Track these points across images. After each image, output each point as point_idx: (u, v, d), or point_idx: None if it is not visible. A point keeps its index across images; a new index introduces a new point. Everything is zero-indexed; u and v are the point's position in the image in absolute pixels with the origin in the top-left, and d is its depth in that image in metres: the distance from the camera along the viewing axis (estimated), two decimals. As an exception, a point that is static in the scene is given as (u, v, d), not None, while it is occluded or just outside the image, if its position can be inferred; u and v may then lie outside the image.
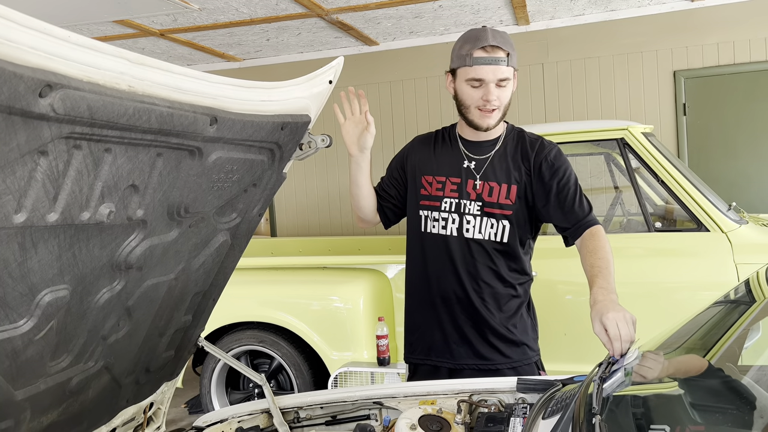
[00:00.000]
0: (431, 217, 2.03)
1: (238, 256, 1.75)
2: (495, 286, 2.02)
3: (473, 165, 1.99)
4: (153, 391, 1.73)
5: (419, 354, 2.12)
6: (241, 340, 3.48)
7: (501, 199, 1.96)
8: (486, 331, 2.03)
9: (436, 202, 2.01)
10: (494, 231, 1.97)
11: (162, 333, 1.62)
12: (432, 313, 2.08)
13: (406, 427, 1.49)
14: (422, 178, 2.05)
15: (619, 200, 3.90)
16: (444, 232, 2.01)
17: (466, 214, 1.98)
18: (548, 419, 1.22)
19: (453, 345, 2.05)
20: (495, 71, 1.83)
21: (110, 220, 1.18)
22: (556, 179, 1.94)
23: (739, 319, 1.46)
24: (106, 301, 1.34)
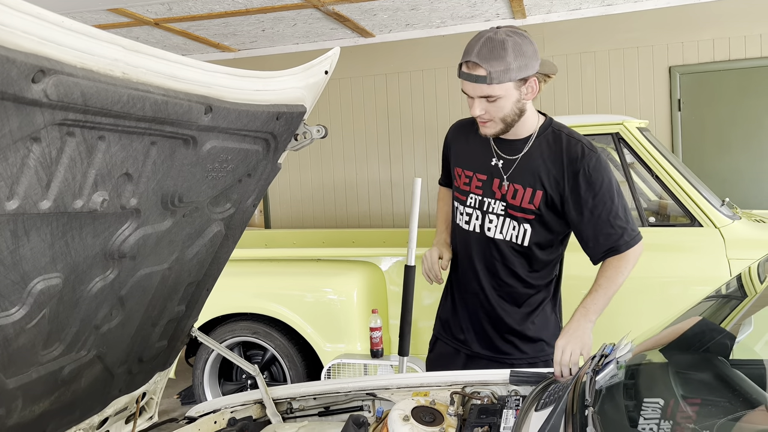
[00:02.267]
0: (458, 210, 2.03)
1: (232, 247, 1.75)
2: (514, 285, 1.99)
3: (501, 164, 1.91)
4: (145, 381, 1.73)
5: (442, 330, 2.17)
6: (234, 331, 3.47)
7: (524, 203, 1.88)
8: (502, 327, 2.02)
9: (463, 196, 2.00)
10: (516, 233, 1.92)
11: (155, 323, 1.61)
12: (454, 300, 2.12)
13: (399, 418, 1.49)
14: (455, 168, 2.05)
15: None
16: (467, 228, 2.00)
17: (489, 212, 1.94)
18: (541, 411, 1.23)
19: (471, 335, 2.06)
20: (475, 88, 1.75)
21: (103, 208, 1.17)
22: (591, 194, 1.80)
23: (730, 313, 1.46)
24: (99, 290, 1.33)
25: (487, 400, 1.56)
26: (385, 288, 3.41)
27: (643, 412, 1.04)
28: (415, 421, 1.48)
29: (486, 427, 1.37)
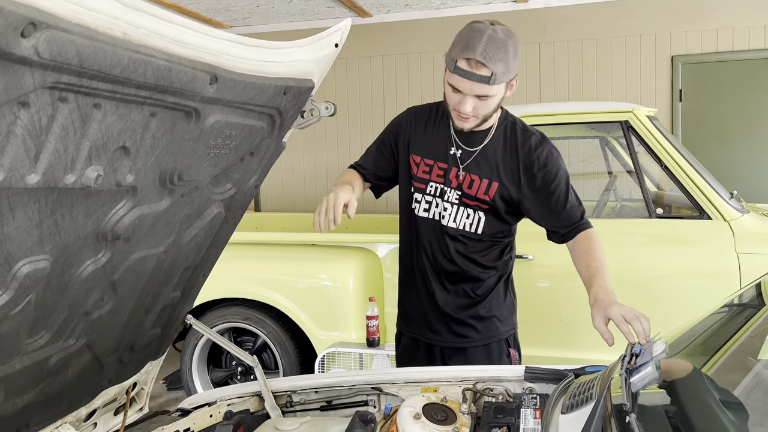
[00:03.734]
0: (415, 198, 1.98)
1: (231, 230, 1.64)
2: (469, 269, 1.99)
3: (460, 154, 1.90)
4: (137, 371, 1.63)
5: (404, 325, 2.13)
6: (225, 317, 3.37)
7: (480, 194, 1.89)
8: (461, 311, 2.02)
9: (422, 184, 1.96)
10: (470, 221, 1.92)
11: (148, 310, 1.51)
12: (414, 288, 2.08)
13: (409, 416, 1.40)
14: (410, 156, 1.97)
15: (613, 185, 3.84)
16: (426, 215, 1.97)
17: (445, 201, 1.93)
18: (568, 414, 1.14)
19: (431, 321, 2.05)
20: (473, 87, 1.68)
21: (98, 185, 1.06)
22: (548, 183, 1.86)
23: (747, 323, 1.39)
24: (90, 274, 1.22)
25: (501, 398, 1.48)
26: (382, 275, 3.31)
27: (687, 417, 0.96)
28: (427, 419, 1.40)
29: (504, 428, 1.29)
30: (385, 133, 2.04)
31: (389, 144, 2.02)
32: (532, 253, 2.83)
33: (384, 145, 2.03)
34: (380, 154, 2.03)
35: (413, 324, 2.09)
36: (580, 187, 5.07)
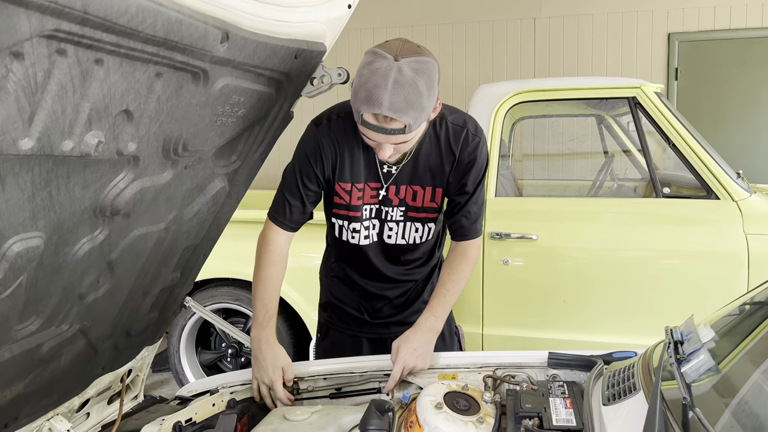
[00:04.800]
0: (350, 228, 1.73)
1: (234, 206, 1.53)
2: (420, 266, 1.84)
3: (394, 169, 1.66)
4: (132, 357, 1.52)
5: (337, 320, 1.91)
6: (214, 297, 3.25)
7: (426, 203, 1.70)
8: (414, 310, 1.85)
9: (356, 212, 1.70)
10: (419, 234, 1.75)
11: (146, 292, 1.39)
12: (350, 288, 1.88)
13: (430, 405, 1.31)
14: (337, 185, 1.68)
15: (610, 165, 3.77)
16: (366, 242, 1.75)
17: (387, 221, 1.73)
18: (611, 405, 1.06)
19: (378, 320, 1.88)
20: (387, 138, 1.44)
21: (98, 153, 0.94)
22: (471, 174, 1.67)
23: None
24: (86, 253, 1.11)
25: (526, 386, 1.39)
26: (377, 255, 3.22)
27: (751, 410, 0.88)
28: (449, 408, 1.31)
29: (536, 420, 1.21)
30: (303, 167, 1.67)
31: (314, 177, 1.67)
32: (536, 233, 2.75)
33: (308, 179, 1.67)
34: (306, 196, 1.69)
35: (346, 319, 1.89)
36: (573, 166, 5.02)
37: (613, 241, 2.73)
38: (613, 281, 2.71)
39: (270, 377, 1.54)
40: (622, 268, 2.71)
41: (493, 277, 2.79)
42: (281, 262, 1.71)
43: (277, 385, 1.54)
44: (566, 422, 1.19)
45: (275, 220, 1.72)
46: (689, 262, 2.65)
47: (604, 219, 2.83)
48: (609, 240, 2.74)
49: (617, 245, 2.74)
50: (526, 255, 2.79)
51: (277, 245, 1.71)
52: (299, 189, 1.68)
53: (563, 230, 2.80)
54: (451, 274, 1.67)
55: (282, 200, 1.72)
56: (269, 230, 1.73)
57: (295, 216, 1.70)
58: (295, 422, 1.38)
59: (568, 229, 2.80)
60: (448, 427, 1.27)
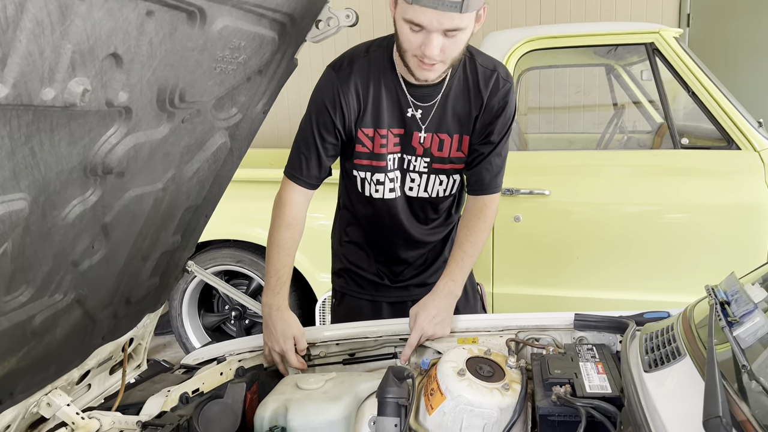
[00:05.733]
0: (373, 180, 1.61)
1: (236, 164, 1.43)
2: (443, 223, 1.75)
3: (420, 114, 1.54)
4: (133, 325, 1.44)
5: (355, 286, 1.82)
6: (216, 260, 3.16)
7: (452, 153, 1.59)
8: (434, 270, 1.78)
9: (381, 161, 1.58)
10: (443, 187, 1.65)
11: (146, 257, 1.30)
12: (368, 253, 1.79)
13: (452, 372, 1.24)
14: (359, 131, 1.55)
15: (620, 117, 3.65)
16: (391, 196, 1.63)
17: (410, 171, 1.62)
18: (655, 372, 0.98)
19: (398, 282, 1.80)
20: (441, 18, 1.29)
21: (84, 103, 0.83)
22: (498, 123, 1.55)
23: None
24: (78, 216, 1.01)
25: (552, 350, 1.32)
26: (381, 213, 3.12)
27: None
28: (472, 375, 1.24)
29: (567, 387, 1.13)
30: (320, 116, 1.55)
31: (332, 127, 1.54)
32: (548, 188, 2.65)
33: (326, 130, 1.55)
34: (324, 148, 1.56)
35: (363, 285, 1.80)
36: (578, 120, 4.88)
37: (627, 196, 2.64)
38: (628, 237, 2.62)
39: (281, 346, 1.47)
40: (638, 223, 2.62)
41: (504, 235, 2.70)
42: (297, 225, 1.62)
43: (289, 354, 1.47)
44: (601, 389, 1.12)
45: (292, 177, 1.61)
46: (708, 216, 2.56)
47: (617, 172, 2.73)
48: (623, 194, 2.65)
49: (632, 199, 2.64)
50: (537, 211, 2.70)
51: (292, 206, 1.61)
52: (316, 141, 1.57)
53: (575, 185, 2.70)
54: (469, 234, 1.58)
55: (298, 155, 1.60)
56: (285, 189, 1.63)
57: (313, 171, 1.59)
58: (308, 391, 1.31)
59: (579, 183, 2.70)
60: (472, 394, 1.19)
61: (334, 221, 1.87)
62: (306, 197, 1.62)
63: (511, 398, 1.20)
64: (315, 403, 1.26)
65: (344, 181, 1.74)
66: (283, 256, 1.57)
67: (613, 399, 1.07)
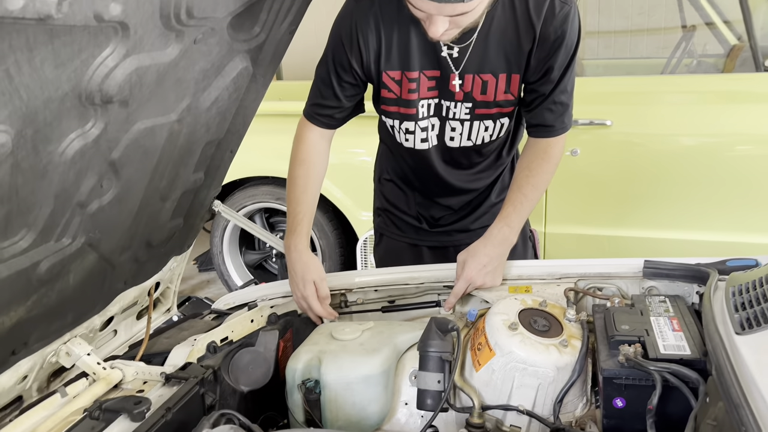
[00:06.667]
0: (402, 129, 1.46)
1: (261, 92, 1.28)
2: (490, 168, 1.59)
3: (456, 53, 1.34)
4: (158, 269, 1.35)
5: (395, 228, 1.69)
6: (255, 197, 3.08)
7: (499, 96, 1.38)
8: (479, 215, 1.65)
9: (411, 108, 1.41)
10: (489, 133, 1.46)
11: (165, 196, 1.19)
12: (407, 195, 1.66)
13: (502, 326, 1.11)
14: (384, 74, 1.38)
15: (690, 40, 3.31)
16: (424, 146, 1.48)
17: (449, 119, 1.43)
18: (750, 335, 0.83)
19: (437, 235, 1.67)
20: (442, 8, 1.12)
21: (63, 14, 0.69)
22: (558, 55, 1.33)
23: None
24: (78, 152, 0.90)
25: (618, 301, 1.16)
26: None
27: None
28: (525, 329, 1.10)
29: (637, 346, 0.98)
30: (336, 53, 1.39)
31: (348, 67, 1.38)
32: (610, 118, 2.42)
33: (342, 69, 1.39)
34: (341, 87, 1.41)
35: (402, 228, 1.68)
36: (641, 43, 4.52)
37: (699, 125, 2.39)
38: (698, 170, 2.39)
39: (302, 292, 1.35)
40: (710, 156, 2.38)
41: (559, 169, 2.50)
42: (313, 162, 1.48)
43: (311, 300, 1.35)
44: (678, 349, 0.96)
45: (307, 114, 1.49)
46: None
47: (687, 99, 2.47)
48: (694, 123, 2.40)
49: (704, 129, 2.40)
50: (596, 143, 2.48)
51: (307, 143, 1.48)
52: (331, 80, 1.41)
53: (639, 114, 2.46)
54: (530, 176, 1.40)
55: (314, 93, 1.47)
56: (301, 126, 1.51)
57: (328, 111, 1.45)
58: (344, 342, 1.20)
59: (644, 112, 2.46)
60: (526, 351, 1.06)
61: (377, 153, 1.73)
62: (324, 136, 1.49)
63: (569, 356, 1.06)
64: (351, 355, 1.16)
65: (379, 128, 1.59)
66: (298, 193, 1.45)
67: (694, 362, 0.92)
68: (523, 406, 1.06)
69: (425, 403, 1.09)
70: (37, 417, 1.00)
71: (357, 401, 1.12)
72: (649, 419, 0.89)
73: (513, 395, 1.07)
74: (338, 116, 1.47)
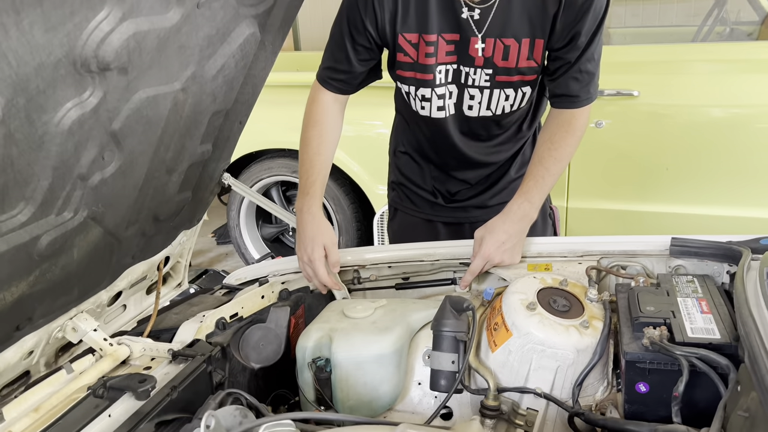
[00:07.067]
0: (418, 96, 1.40)
1: (270, 60, 1.23)
2: (509, 148, 1.53)
3: (477, 15, 1.28)
4: (167, 244, 1.32)
5: (410, 203, 1.64)
6: (271, 169, 3.05)
7: (521, 62, 1.32)
8: (497, 191, 1.59)
9: (427, 74, 1.35)
10: (509, 102, 1.39)
11: (171, 169, 1.15)
12: (423, 169, 1.60)
13: (520, 306, 1.06)
14: (400, 36, 1.33)
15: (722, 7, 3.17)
16: (440, 115, 1.42)
17: (468, 86, 1.37)
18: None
19: (453, 211, 1.61)
20: None
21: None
22: (586, 20, 1.25)
23: None
24: (75, 122, 0.86)
25: (643, 281, 1.11)
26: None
27: None
28: (544, 309, 1.05)
29: (663, 329, 0.93)
30: (350, 14, 1.34)
31: (362, 29, 1.33)
32: (637, 88, 2.33)
33: (356, 31, 1.34)
34: (355, 50, 1.36)
35: (417, 202, 1.63)
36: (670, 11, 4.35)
37: (731, 95, 2.29)
38: (729, 143, 2.30)
39: (309, 254, 1.29)
40: (742, 128, 2.28)
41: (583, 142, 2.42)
42: (327, 124, 1.43)
43: (317, 264, 1.28)
44: (706, 333, 0.91)
45: (320, 78, 1.44)
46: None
47: (718, 69, 2.36)
48: (726, 94, 2.30)
49: (736, 100, 2.30)
50: (622, 115, 2.39)
51: (321, 105, 1.43)
52: (345, 43, 1.36)
53: (667, 84, 2.36)
54: (553, 149, 1.33)
55: (328, 55, 1.42)
56: (314, 90, 1.46)
57: (340, 76, 1.40)
58: (355, 320, 1.17)
59: (673, 82, 2.36)
60: (544, 332, 1.02)
61: (393, 125, 1.68)
62: (338, 101, 1.44)
63: (590, 338, 1.02)
64: (362, 334, 1.12)
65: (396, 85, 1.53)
66: (311, 154, 1.40)
67: (724, 347, 0.87)
68: (541, 389, 1.02)
69: (439, 383, 1.06)
70: (42, 393, 0.99)
71: (368, 381, 1.09)
72: (675, 406, 0.85)
73: (530, 377, 1.03)
74: (352, 81, 1.42)
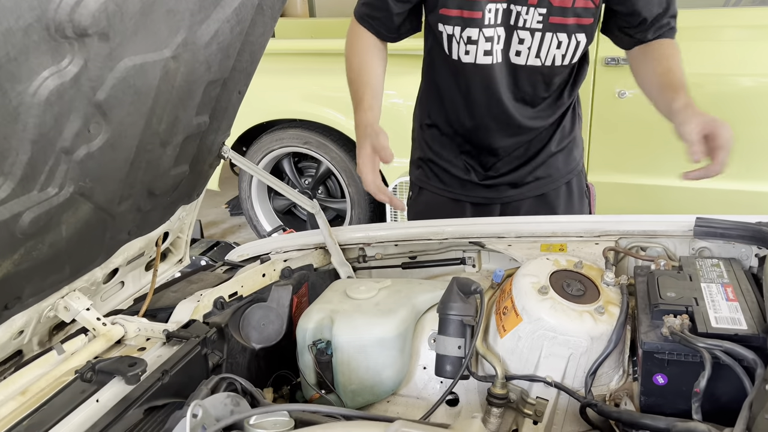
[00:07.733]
0: (464, 38, 1.30)
1: (269, 25, 1.16)
2: (552, 114, 1.44)
3: None
4: (164, 219, 1.27)
5: (438, 182, 1.55)
6: (282, 140, 2.99)
7: (578, 1, 1.24)
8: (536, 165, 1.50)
9: (476, 11, 1.26)
10: (561, 52, 1.29)
11: (165, 141, 1.10)
12: (456, 142, 1.52)
13: (532, 289, 1.00)
14: None
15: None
16: (486, 61, 1.32)
17: (519, 28, 1.28)
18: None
19: (485, 189, 1.53)
20: None
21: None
22: None
23: None
24: (54, 92, 0.80)
25: (663, 264, 1.03)
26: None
27: None
28: (557, 294, 0.99)
29: (684, 317, 0.86)
30: None
31: None
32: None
33: None
34: None
35: (455, 187, 1.54)
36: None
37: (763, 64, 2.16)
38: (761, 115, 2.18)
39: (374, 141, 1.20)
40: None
41: (604, 112, 2.33)
42: (371, 51, 1.37)
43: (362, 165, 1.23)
44: (732, 323, 0.84)
45: (357, 15, 1.38)
46: None
47: (751, 35, 2.24)
48: (758, 62, 2.17)
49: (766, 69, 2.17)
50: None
51: (362, 41, 1.37)
52: None
53: (696, 51, 2.24)
54: (669, 62, 1.29)
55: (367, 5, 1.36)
56: (352, 25, 1.40)
57: (377, 14, 1.33)
58: (358, 301, 1.12)
59: (700, 49, 2.24)
60: (556, 318, 0.96)
61: (417, 97, 1.59)
62: (377, 46, 1.38)
63: (605, 324, 0.96)
64: (365, 316, 1.07)
65: (428, 42, 1.44)
66: (355, 72, 1.34)
67: (751, 339, 0.80)
68: (552, 378, 0.96)
69: (444, 369, 1.01)
70: (30, 375, 0.95)
71: (371, 365, 1.05)
72: (695, 402, 0.79)
73: (540, 365, 0.97)
74: (389, 23, 1.35)
